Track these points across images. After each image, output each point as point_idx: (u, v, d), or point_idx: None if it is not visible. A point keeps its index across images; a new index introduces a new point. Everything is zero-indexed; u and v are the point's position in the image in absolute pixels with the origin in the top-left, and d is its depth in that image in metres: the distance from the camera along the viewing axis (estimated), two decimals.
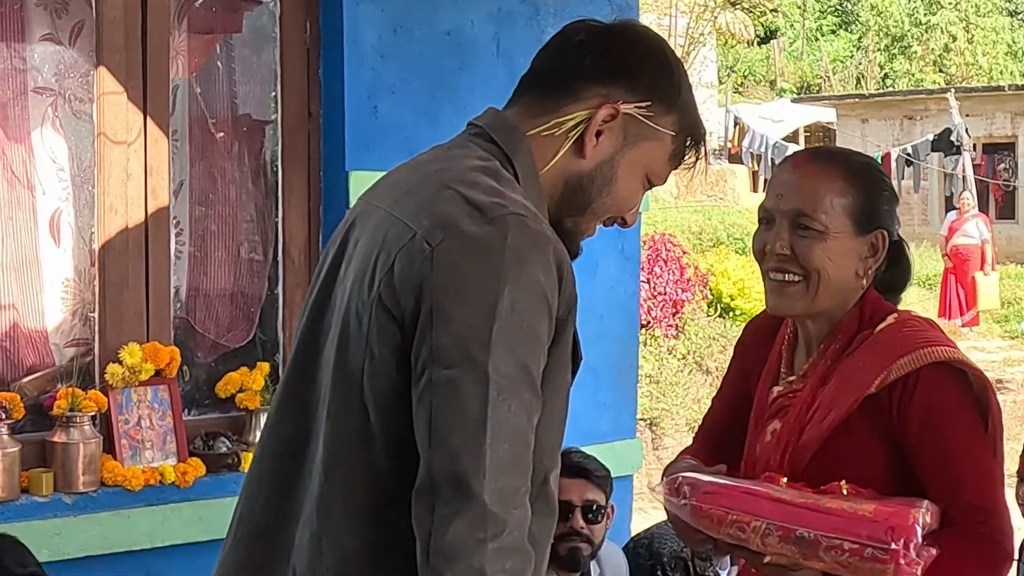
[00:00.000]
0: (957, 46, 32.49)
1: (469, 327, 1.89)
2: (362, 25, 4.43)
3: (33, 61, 4.08)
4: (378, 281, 1.96)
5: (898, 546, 2.25)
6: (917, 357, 2.41)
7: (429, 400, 1.89)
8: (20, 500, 3.79)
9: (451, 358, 1.88)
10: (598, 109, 2.08)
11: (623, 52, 2.12)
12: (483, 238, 1.92)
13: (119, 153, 4.10)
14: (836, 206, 2.47)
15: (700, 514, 2.40)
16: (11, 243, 4.02)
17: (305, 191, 4.48)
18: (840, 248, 2.48)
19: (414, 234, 1.95)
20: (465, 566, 1.84)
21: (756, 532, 2.34)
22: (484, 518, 1.84)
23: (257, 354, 4.43)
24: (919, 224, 23.40)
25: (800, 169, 2.56)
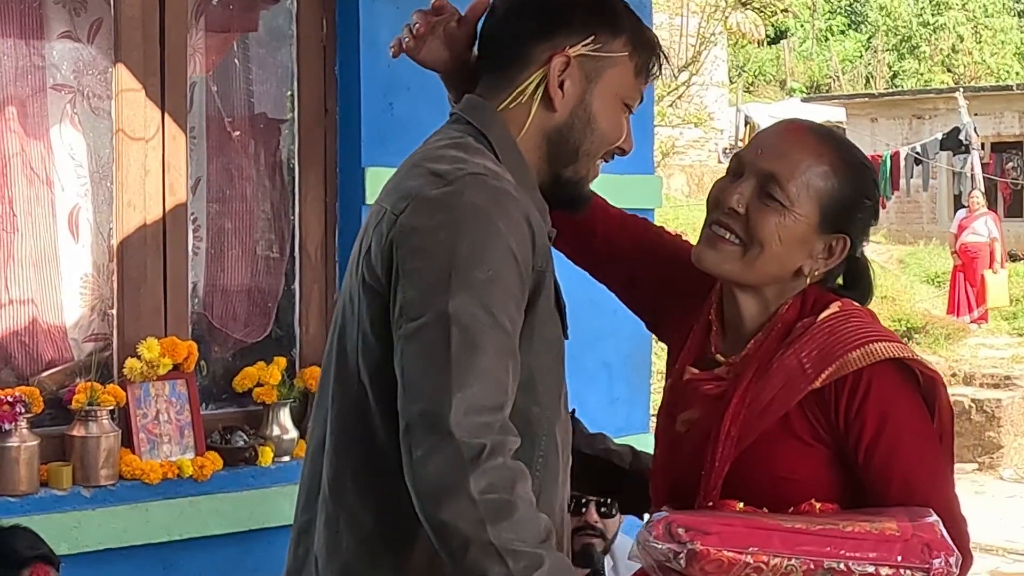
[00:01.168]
0: (965, 46, 32.40)
1: (432, 278, 1.92)
2: (378, 22, 4.41)
3: (52, 58, 4.07)
4: (361, 262, 2.03)
5: (940, 563, 2.04)
6: (869, 352, 2.19)
7: (401, 353, 1.91)
8: (39, 493, 3.77)
9: (416, 310, 1.91)
10: (549, 64, 2.12)
11: (548, 3, 2.17)
12: (441, 198, 1.98)
13: (137, 149, 4.09)
14: (811, 189, 2.24)
15: (706, 560, 2.00)
16: (30, 239, 4.01)
17: (321, 187, 4.46)
18: (795, 232, 2.24)
19: (385, 211, 2.03)
20: (453, 500, 1.83)
21: (776, 571, 2.00)
22: (459, 450, 1.84)
23: (274, 349, 4.41)
24: (928, 222, 23.36)
25: (792, 136, 2.31)
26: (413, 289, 1.92)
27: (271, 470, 4.18)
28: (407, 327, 1.91)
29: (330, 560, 2.06)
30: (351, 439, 2.04)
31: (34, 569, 3.38)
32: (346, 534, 2.02)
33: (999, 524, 10.88)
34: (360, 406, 2.02)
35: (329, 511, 2.05)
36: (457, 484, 1.83)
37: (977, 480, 13.27)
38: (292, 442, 4.26)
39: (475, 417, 1.86)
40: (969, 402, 14.26)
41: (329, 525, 2.05)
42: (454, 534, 1.84)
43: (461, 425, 1.84)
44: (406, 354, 1.90)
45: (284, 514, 4.03)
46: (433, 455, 1.84)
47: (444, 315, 1.88)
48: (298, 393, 4.32)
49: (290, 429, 4.27)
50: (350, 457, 2.04)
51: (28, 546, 3.43)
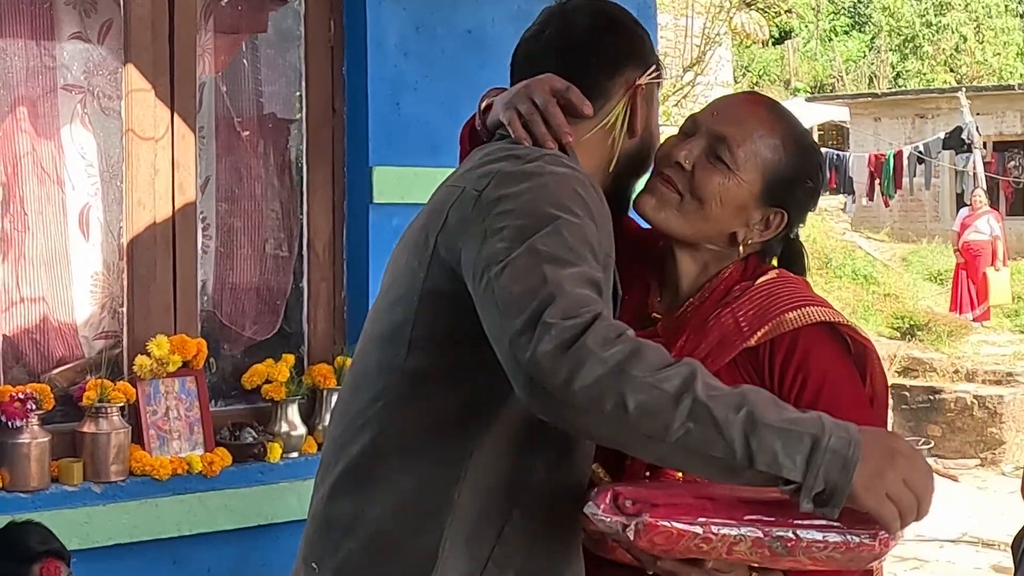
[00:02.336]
0: (968, 46, 32.35)
1: (518, 229, 1.89)
2: (385, 24, 4.41)
3: (63, 59, 4.07)
4: (435, 239, 2.02)
5: (885, 531, 1.96)
6: (805, 314, 2.19)
7: (491, 291, 1.85)
8: (51, 489, 3.78)
9: (504, 254, 1.87)
10: (629, 96, 2.22)
11: (614, 36, 2.24)
12: (524, 168, 2.01)
13: (147, 149, 4.08)
14: (759, 157, 2.25)
15: (655, 532, 1.91)
16: (41, 237, 4.01)
17: (329, 186, 4.46)
18: (736, 196, 2.24)
19: (463, 188, 2.03)
20: (587, 376, 1.71)
21: (724, 542, 1.93)
22: (574, 329, 1.74)
23: (282, 346, 4.41)
24: (931, 220, 23.31)
25: (749, 105, 2.33)
26: (501, 241, 1.89)
27: (279, 466, 4.18)
28: (495, 268, 1.86)
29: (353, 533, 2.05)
30: (400, 415, 2.03)
31: (45, 564, 3.39)
32: (379, 502, 2.02)
33: (1001, 519, 10.85)
34: (413, 382, 2.02)
35: (360, 480, 2.04)
36: (584, 359, 1.72)
37: (979, 476, 13.25)
38: (300, 438, 4.26)
39: (580, 307, 1.78)
40: (971, 398, 14.24)
41: (355, 495, 2.04)
42: (647, 408, 1.72)
43: (566, 311, 1.76)
44: (497, 288, 1.84)
45: (292, 509, 4.06)
46: (553, 344, 1.73)
47: (535, 250, 1.85)
48: (306, 390, 4.32)
49: (298, 425, 4.27)
50: (397, 425, 2.02)
51: (40, 541, 3.45)
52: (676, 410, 1.72)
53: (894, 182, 19.43)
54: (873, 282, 17.93)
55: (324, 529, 2.07)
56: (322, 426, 4.33)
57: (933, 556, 10.29)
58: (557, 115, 2.10)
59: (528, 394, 1.77)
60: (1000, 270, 17.25)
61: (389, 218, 4.27)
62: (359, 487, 2.03)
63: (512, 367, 1.79)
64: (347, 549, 2.02)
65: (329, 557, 2.04)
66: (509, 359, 1.79)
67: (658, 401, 1.72)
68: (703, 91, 19.37)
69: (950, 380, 14.79)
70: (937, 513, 6.22)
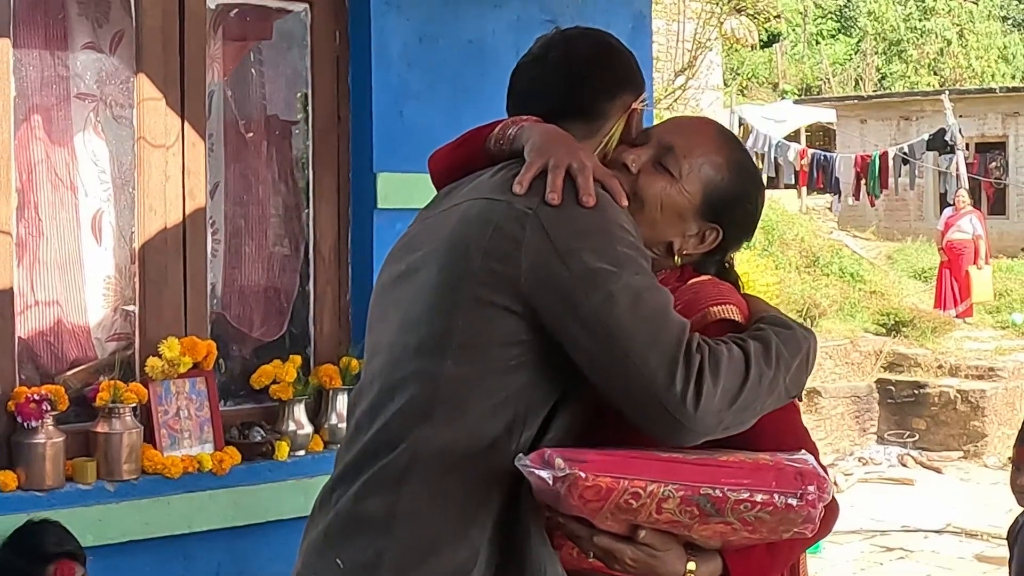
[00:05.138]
0: (951, 50, 32.36)
1: (597, 252, 2.02)
2: (389, 34, 4.41)
3: (76, 68, 4.06)
4: (481, 250, 2.05)
5: (813, 490, 2.02)
6: (728, 309, 2.25)
7: (599, 320, 2.00)
8: (65, 488, 3.76)
9: (597, 280, 2.00)
10: (629, 118, 2.35)
11: (614, 64, 2.37)
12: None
13: (158, 156, 4.07)
14: (703, 173, 2.30)
15: (585, 486, 1.92)
16: (55, 242, 4.00)
17: (335, 192, 4.45)
18: (676, 204, 2.29)
19: (507, 203, 2.08)
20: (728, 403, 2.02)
21: (652, 498, 1.95)
22: (700, 370, 1.99)
23: (289, 347, 4.40)
24: (915, 220, 23.34)
25: (702, 125, 2.41)
26: (582, 265, 2.01)
27: (287, 464, 4.17)
28: (596, 296, 2.00)
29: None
30: (439, 421, 2.05)
31: (59, 566, 3.39)
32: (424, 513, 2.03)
33: (984, 510, 10.88)
34: (452, 389, 2.05)
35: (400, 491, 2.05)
36: (723, 395, 2.01)
37: (962, 468, 13.27)
38: (307, 437, 4.25)
39: (689, 343, 2.02)
40: (955, 393, 14.25)
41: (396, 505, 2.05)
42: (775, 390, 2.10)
43: (686, 351, 2.00)
44: (605, 320, 2.00)
45: (300, 506, 4.02)
46: (690, 389, 1.97)
47: (623, 278, 2.01)
48: (313, 390, 4.31)
49: (305, 424, 4.26)
50: (437, 430, 2.04)
51: (55, 542, 3.44)
52: (760, 393, 2.08)
53: (879, 182, 19.43)
54: (859, 280, 17.94)
55: (353, 526, 2.07)
56: (328, 425, 4.33)
57: (918, 546, 10.30)
58: (589, 187, 2.11)
59: (670, 432, 2.01)
60: (982, 268, 17.27)
61: (393, 223, 4.26)
62: (395, 488, 2.04)
63: (656, 409, 1.99)
64: (382, 546, 2.03)
65: (360, 553, 2.04)
66: (650, 401, 1.99)
67: (752, 395, 2.06)
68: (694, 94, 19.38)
69: (934, 375, 14.80)
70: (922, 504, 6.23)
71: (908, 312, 16.56)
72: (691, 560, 2.08)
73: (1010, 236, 22.53)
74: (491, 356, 2.04)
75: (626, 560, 2.04)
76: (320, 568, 2.09)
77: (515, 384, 2.04)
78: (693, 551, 2.08)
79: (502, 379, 2.04)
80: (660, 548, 2.04)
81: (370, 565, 2.03)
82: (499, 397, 2.03)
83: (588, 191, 2.07)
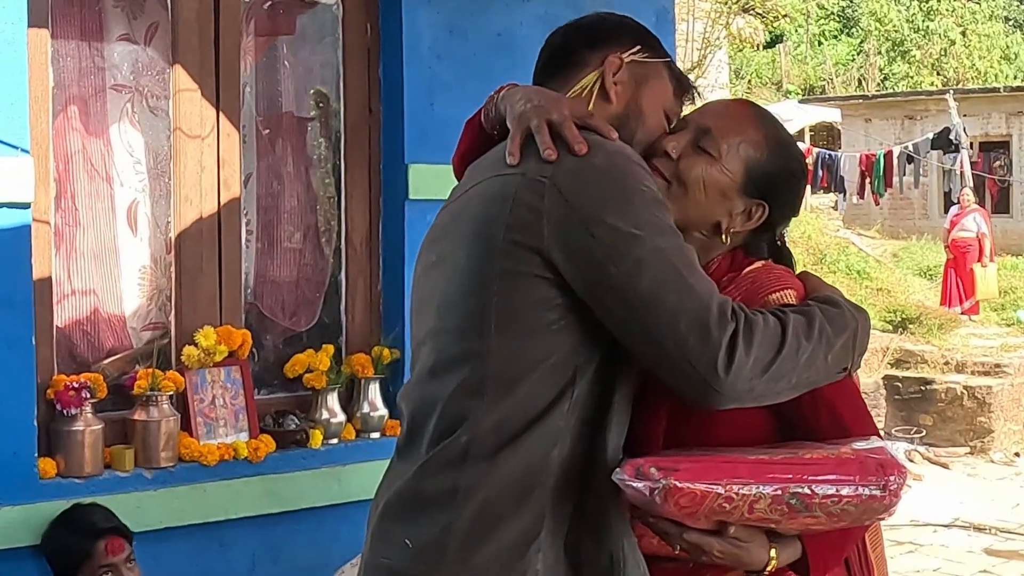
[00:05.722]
0: (954, 50, 32.33)
1: (620, 217, 2.00)
2: (419, 27, 4.41)
3: (112, 60, 4.06)
4: (503, 225, 2.04)
5: (895, 479, 2.05)
6: (786, 295, 2.25)
7: (631, 289, 1.99)
8: (104, 475, 3.78)
9: (622, 247, 1.99)
10: (604, 63, 2.27)
11: (604, 22, 2.35)
12: (583, 155, 2.05)
13: (194, 147, 4.08)
14: (741, 150, 2.30)
15: (680, 494, 1.97)
16: (91, 232, 4.01)
17: (366, 183, 4.46)
18: (719, 183, 2.29)
19: (522, 175, 2.06)
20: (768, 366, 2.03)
21: (745, 501, 1.99)
22: (732, 337, 1.99)
23: (322, 337, 4.41)
24: (920, 218, 23.31)
25: (737, 106, 2.42)
26: (607, 232, 1.99)
27: (321, 452, 4.18)
28: (620, 265, 1.99)
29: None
30: (492, 398, 2.05)
31: (110, 540, 3.45)
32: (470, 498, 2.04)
33: (991, 505, 10.88)
34: (500, 366, 2.04)
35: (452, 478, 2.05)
36: (757, 363, 2.01)
37: (969, 463, 13.25)
38: (340, 425, 4.26)
39: (717, 301, 2.01)
40: (961, 388, 14.24)
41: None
42: (814, 372, 2.09)
43: (717, 315, 1.99)
44: (635, 288, 1.99)
45: (333, 493, 4.07)
46: (721, 351, 1.97)
47: (656, 246, 2.00)
48: (345, 378, 4.32)
49: (338, 413, 4.27)
50: (490, 407, 2.05)
51: (104, 519, 3.51)
52: (797, 366, 2.07)
53: (884, 181, 19.41)
54: (866, 277, 17.93)
55: (417, 505, 2.07)
56: (360, 413, 4.33)
57: (927, 540, 10.29)
58: (574, 134, 2.08)
59: (701, 396, 2.02)
60: (987, 266, 17.25)
61: (424, 214, 4.26)
62: (456, 466, 2.04)
63: (687, 373, 2.00)
64: (448, 521, 2.03)
65: (426, 531, 2.04)
66: (682, 365, 2.00)
67: (787, 367, 2.06)
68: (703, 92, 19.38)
69: (941, 371, 14.79)
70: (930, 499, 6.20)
71: (914, 309, 16.55)
72: (773, 547, 2.11)
73: (1014, 234, 22.51)
74: (531, 325, 2.04)
75: (714, 552, 2.07)
76: (388, 549, 2.09)
77: (560, 348, 2.04)
78: (774, 538, 2.11)
79: (546, 345, 2.04)
80: (746, 540, 2.08)
81: (437, 541, 2.03)
82: (547, 363, 2.04)
83: (576, 139, 2.06)
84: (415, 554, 2.05)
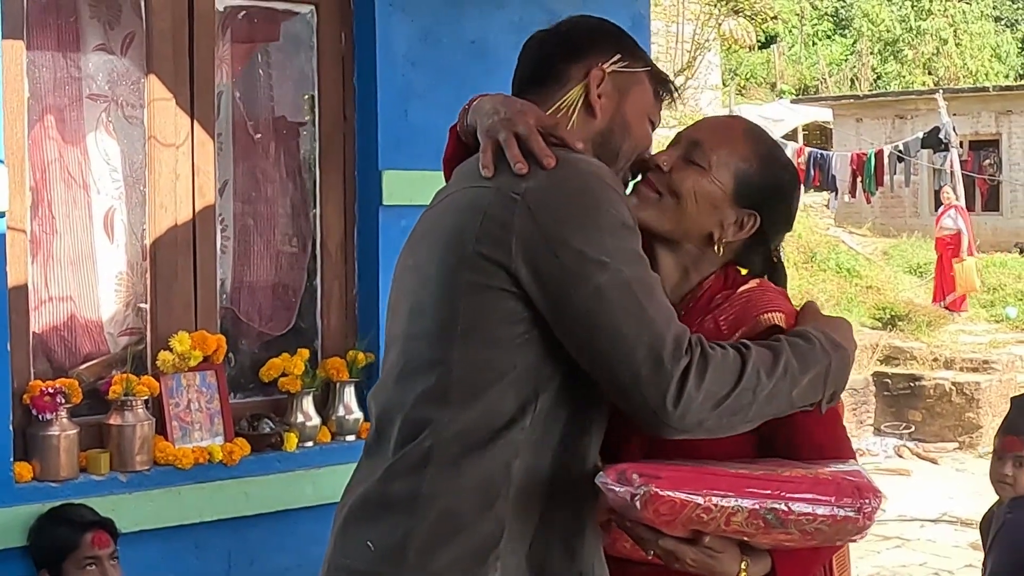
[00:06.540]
0: (946, 50, 32.31)
1: (585, 241, 1.99)
2: (394, 35, 4.41)
3: (88, 70, 4.07)
4: (473, 237, 2.04)
5: (869, 504, 2.07)
6: (772, 318, 2.26)
7: (588, 315, 1.99)
8: (79, 478, 3.78)
9: (584, 271, 1.98)
10: (588, 77, 2.24)
11: (581, 31, 2.30)
12: (559, 173, 2.05)
13: (168, 155, 4.08)
14: (731, 163, 2.32)
15: (660, 501, 1.98)
16: (68, 239, 4.01)
17: (341, 189, 4.46)
18: (710, 194, 2.30)
19: (495, 188, 2.05)
20: (713, 407, 2.00)
21: (723, 513, 2.01)
22: (685, 371, 1.98)
23: (297, 341, 4.41)
24: (910, 216, 23.30)
25: (729, 122, 2.45)
26: (571, 255, 1.99)
27: (296, 455, 4.18)
28: (581, 290, 1.98)
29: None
30: (456, 405, 2.05)
31: (96, 534, 3.49)
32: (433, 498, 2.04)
33: (978, 499, 10.82)
34: (464, 374, 2.05)
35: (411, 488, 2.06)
36: (704, 398, 1.99)
37: (958, 458, 13.26)
38: (315, 428, 4.26)
39: (673, 335, 2.00)
40: (950, 385, 14.25)
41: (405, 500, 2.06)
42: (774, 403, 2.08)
43: (671, 353, 1.98)
44: (600, 315, 1.98)
45: (308, 496, 4.07)
46: (671, 386, 1.97)
47: (615, 271, 1.99)
48: (320, 382, 4.32)
49: (313, 416, 4.27)
50: (454, 414, 2.05)
51: (91, 514, 3.56)
52: (755, 401, 2.05)
53: (875, 180, 19.41)
54: (856, 275, 17.93)
55: (381, 509, 2.08)
56: (335, 416, 4.34)
57: (914, 535, 10.30)
58: (541, 147, 2.08)
59: (651, 426, 2.02)
60: (964, 260, 17.27)
61: (398, 219, 4.28)
62: (419, 470, 2.04)
63: (638, 402, 2.00)
64: (409, 527, 2.03)
65: (388, 535, 2.05)
66: (633, 394, 2.00)
67: (743, 402, 2.04)
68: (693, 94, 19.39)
69: (930, 368, 14.80)
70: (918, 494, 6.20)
71: (904, 306, 16.56)
72: (744, 559, 2.13)
73: (1004, 232, 22.51)
74: (497, 337, 2.04)
75: (687, 560, 2.09)
76: (351, 550, 2.10)
77: (524, 361, 2.04)
78: (746, 550, 2.13)
79: (511, 357, 2.04)
80: (719, 550, 2.10)
81: (398, 546, 2.03)
82: (510, 376, 2.04)
83: (543, 153, 2.05)
84: (376, 557, 2.06)
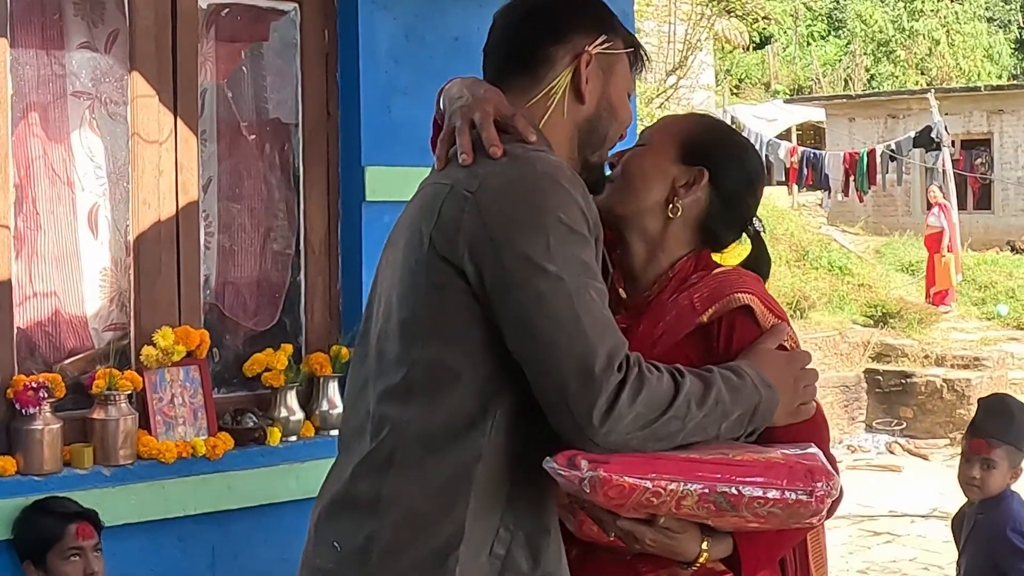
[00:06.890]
0: (939, 51, 32.34)
1: (530, 245, 1.95)
2: (377, 32, 4.42)
3: (72, 67, 4.07)
4: (428, 235, 2.02)
5: (822, 486, 2.08)
6: (743, 298, 2.30)
7: (527, 322, 1.96)
8: (63, 473, 3.78)
9: (525, 276, 1.94)
10: (577, 62, 2.20)
11: (561, 10, 2.24)
12: (514, 172, 2.02)
13: (151, 152, 4.09)
14: (673, 131, 2.42)
15: (609, 485, 1.98)
16: (52, 236, 4.01)
17: (324, 185, 4.46)
18: (653, 162, 2.36)
19: (450, 186, 2.04)
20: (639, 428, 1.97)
21: (672, 496, 2.01)
22: (618, 388, 1.94)
23: (281, 336, 4.41)
24: (902, 215, 23.33)
25: (677, 115, 2.56)
26: (514, 259, 1.96)
27: (279, 449, 4.18)
28: (521, 293, 1.96)
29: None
30: (421, 404, 2.04)
31: (80, 525, 3.52)
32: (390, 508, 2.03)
33: None
34: (429, 373, 2.04)
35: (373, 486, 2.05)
36: (628, 418, 1.96)
37: (949, 455, 13.28)
38: (299, 423, 4.26)
39: (609, 349, 1.95)
40: (941, 382, 14.28)
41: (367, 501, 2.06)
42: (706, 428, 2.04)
43: (604, 368, 1.94)
44: (537, 322, 1.95)
45: (291, 490, 4.07)
46: (599, 400, 1.93)
47: (557, 277, 1.95)
48: (304, 377, 4.32)
49: (296, 411, 4.27)
50: (419, 413, 2.04)
51: (75, 506, 3.58)
52: (683, 430, 2.02)
53: (868, 179, 19.47)
54: (848, 273, 17.96)
55: (347, 509, 2.07)
56: (319, 411, 4.34)
57: (905, 531, 10.32)
58: (491, 136, 2.06)
59: (574, 440, 1.98)
60: (944, 256, 17.36)
61: (381, 215, 4.28)
62: (383, 471, 2.04)
63: (563, 415, 1.96)
64: (372, 528, 2.03)
65: (352, 536, 2.05)
66: (560, 406, 1.96)
67: (671, 429, 2.01)
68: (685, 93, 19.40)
69: (921, 365, 14.83)
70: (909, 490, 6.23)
71: (895, 304, 16.59)
72: (705, 540, 2.16)
73: (995, 230, 22.54)
74: (457, 337, 2.02)
75: (646, 541, 2.11)
76: (321, 550, 2.10)
77: (484, 363, 2.02)
78: (707, 532, 2.15)
79: (471, 358, 2.02)
80: (677, 531, 2.12)
81: (362, 548, 2.03)
82: (470, 376, 2.02)
83: (491, 142, 2.04)
84: (341, 558, 2.06)
